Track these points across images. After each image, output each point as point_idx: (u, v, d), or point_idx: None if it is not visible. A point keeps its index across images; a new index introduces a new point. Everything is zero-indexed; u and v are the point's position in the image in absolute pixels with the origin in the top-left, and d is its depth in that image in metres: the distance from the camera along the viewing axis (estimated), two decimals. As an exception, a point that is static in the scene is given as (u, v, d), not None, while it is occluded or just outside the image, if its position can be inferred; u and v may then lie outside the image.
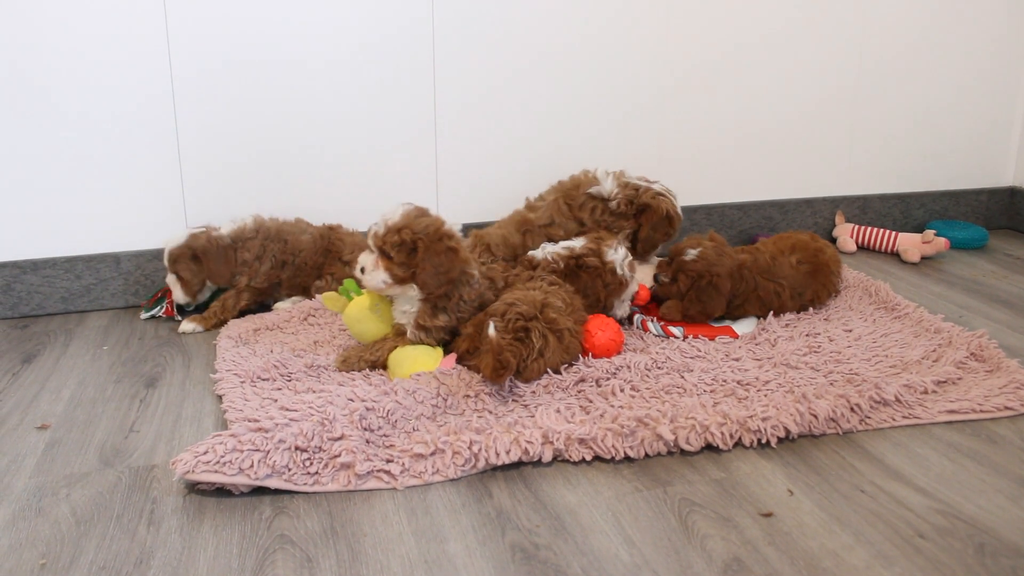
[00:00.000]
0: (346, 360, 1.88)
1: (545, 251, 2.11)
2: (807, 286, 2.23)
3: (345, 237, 2.34)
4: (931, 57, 2.92)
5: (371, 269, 1.84)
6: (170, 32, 2.21)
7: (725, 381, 1.83)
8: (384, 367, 1.88)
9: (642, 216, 2.30)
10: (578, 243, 2.11)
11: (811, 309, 2.24)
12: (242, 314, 2.25)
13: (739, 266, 2.13)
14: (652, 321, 2.13)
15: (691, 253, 2.13)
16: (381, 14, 2.35)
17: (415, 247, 1.80)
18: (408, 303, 1.89)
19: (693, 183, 2.78)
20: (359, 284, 1.91)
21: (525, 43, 2.49)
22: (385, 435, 1.59)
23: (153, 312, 2.27)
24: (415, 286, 1.84)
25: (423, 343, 1.90)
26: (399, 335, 1.92)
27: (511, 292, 1.92)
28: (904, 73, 2.91)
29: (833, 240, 2.94)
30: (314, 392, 1.74)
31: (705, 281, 2.09)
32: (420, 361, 1.85)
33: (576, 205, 2.29)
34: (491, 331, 1.76)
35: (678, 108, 2.70)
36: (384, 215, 1.84)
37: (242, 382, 1.83)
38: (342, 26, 2.33)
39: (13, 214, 2.22)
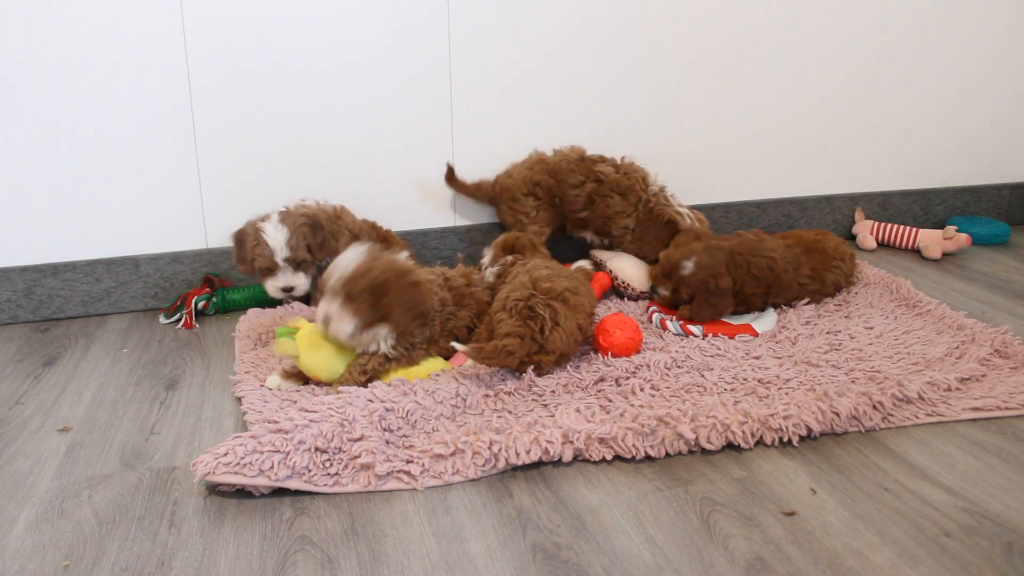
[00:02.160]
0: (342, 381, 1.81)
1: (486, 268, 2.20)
2: (802, 262, 2.25)
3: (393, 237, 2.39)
4: (949, 50, 2.89)
5: (337, 319, 1.73)
6: (187, 36, 2.21)
7: (746, 379, 1.82)
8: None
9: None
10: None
11: (830, 303, 2.23)
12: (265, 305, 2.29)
13: (730, 254, 2.16)
14: (671, 320, 2.12)
15: (687, 266, 2.14)
16: (395, 13, 2.35)
17: (384, 289, 1.73)
18: (375, 344, 1.81)
19: (710, 181, 2.76)
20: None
21: (541, 41, 2.49)
22: (405, 435, 1.59)
23: (172, 320, 2.28)
24: (384, 327, 1.78)
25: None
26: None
27: (502, 292, 1.95)
28: (922, 67, 2.88)
29: (853, 237, 2.92)
30: (333, 393, 1.74)
31: (712, 285, 2.11)
32: (432, 364, 1.86)
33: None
34: (458, 347, 1.79)
35: (694, 106, 2.68)
36: (341, 261, 1.76)
37: (261, 384, 1.84)
38: (357, 27, 2.33)
39: (33, 218, 2.24)
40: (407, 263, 1.82)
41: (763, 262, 2.17)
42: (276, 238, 2.08)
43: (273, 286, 2.13)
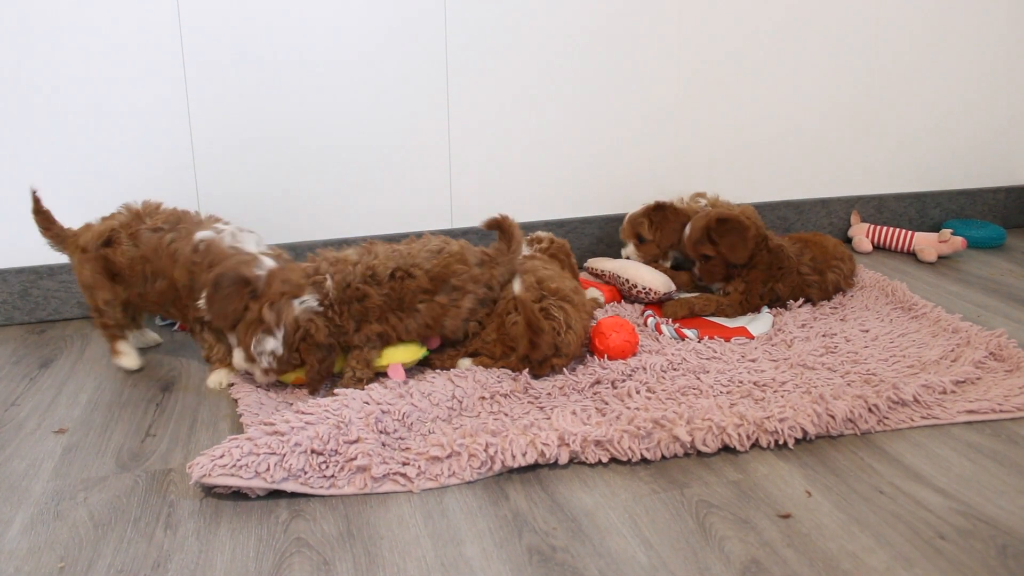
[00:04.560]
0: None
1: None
2: (803, 253, 2.30)
3: None
4: (946, 55, 2.90)
5: (262, 378, 1.81)
6: (183, 33, 2.21)
7: (741, 382, 1.82)
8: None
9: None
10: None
11: (826, 306, 2.24)
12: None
13: (740, 213, 2.23)
14: (666, 324, 2.12)
15: (686, 232, 2.24)
16: (392, 13, 2.35)
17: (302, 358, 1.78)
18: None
19: (707, 185, 2.76)
20: None
21: (540, 46, 2.49)
22: (401, 438, 1.59)
23: (168, 322, 2.27)
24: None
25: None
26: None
27: (507, 290, 1.93)
28: (919, 71, 2.89)
29: (849, 240, 2.92)
30: (329, 395, 1.74)
31: (715, 223, 2.17)
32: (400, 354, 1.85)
33: None
34: (517, 288, 1.82)
35: (692, 111, 2.69)
36: (264, 346, 1.74)
37: (257, 386, 1.84)
38: (355, 25, 2.34)
39: (29, 220, 2.23)
40: (319, 329, 1.77)
41: (775, 242, 2.23)
42: None
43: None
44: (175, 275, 1.85)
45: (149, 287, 1.90)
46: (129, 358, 1.97)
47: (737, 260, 2.18)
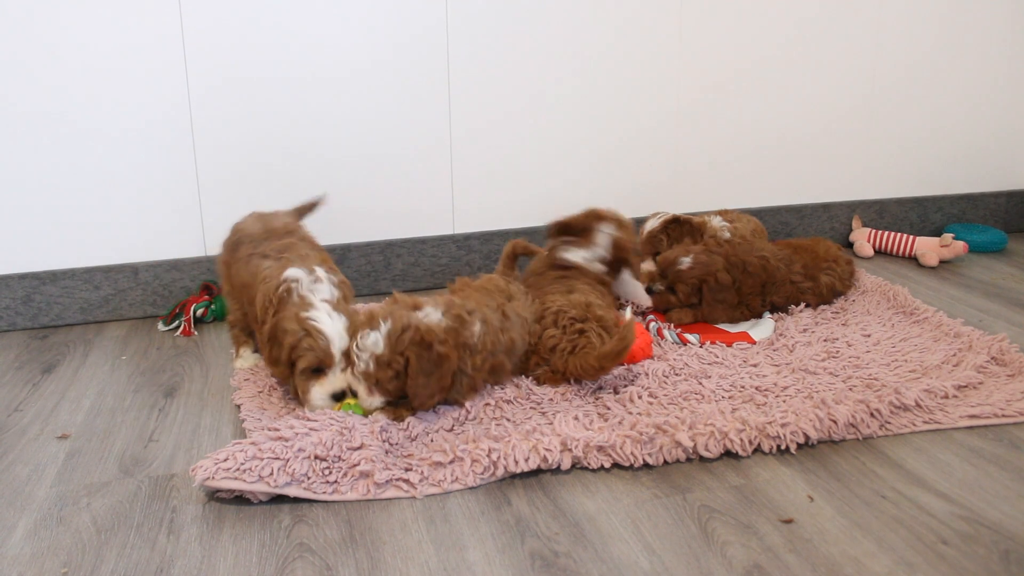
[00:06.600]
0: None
1: (581, 255, 2.14)
2: (793, 260, 2.29)
3: None
4: (947, 59, 2.91)
5: (365, 396, 1.67)
6: (187, 47, 2.22)
7: (743, 387, 1.82)
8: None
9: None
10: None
11: (827, 310, 2.24)
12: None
13: (725, 256, 2.21)
14: (668, 328, 2.12)
15: (685, 262, 2.19)
16: (395, 27, 2.36)
17: (406, 366, 1.63)
18: None
19: (710, 189, 2.77)
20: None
21: (540, 54, 2.49)
22: (404, 445, 1.59)
23: (171, 327, 2.28)
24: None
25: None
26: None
27: (551, 298, 1.93)
28: (920, 76, 2.90)
29: (850, 244, 2.93)
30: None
31: (713, 281, 2.15)
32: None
33: None
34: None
35: (694, 115, 2.69)
36: (364, 342, 1.63)
37: (260, 391, 1.84)
38: (357, 39, 2.34)
39: (32, 226, 2.24)
40: (438, 332, 1.65)
41: (756, 260, 2.22)
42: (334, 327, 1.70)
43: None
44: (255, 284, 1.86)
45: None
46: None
47: (730, 307, 2.19)
